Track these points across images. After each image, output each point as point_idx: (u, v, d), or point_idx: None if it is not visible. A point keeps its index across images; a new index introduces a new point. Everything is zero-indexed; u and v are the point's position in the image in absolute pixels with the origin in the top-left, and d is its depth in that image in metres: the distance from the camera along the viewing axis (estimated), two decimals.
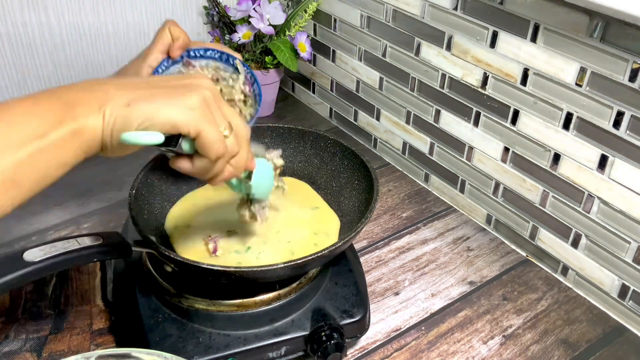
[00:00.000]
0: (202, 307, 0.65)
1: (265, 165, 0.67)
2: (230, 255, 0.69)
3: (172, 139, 0.50)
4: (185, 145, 0.50)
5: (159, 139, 0.48)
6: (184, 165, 0.52)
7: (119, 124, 0.47)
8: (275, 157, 0.69)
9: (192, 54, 0.74)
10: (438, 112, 0.96)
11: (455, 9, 0.85)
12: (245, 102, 0.72)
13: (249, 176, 0.62)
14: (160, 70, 0.71)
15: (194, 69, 0.73)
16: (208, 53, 0.75)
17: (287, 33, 1.10)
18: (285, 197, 0.75)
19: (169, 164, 0.55)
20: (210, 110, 0.50)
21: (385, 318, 0.77)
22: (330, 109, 1.21)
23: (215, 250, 0.69)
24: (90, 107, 0.46)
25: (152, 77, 0.50)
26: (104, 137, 0.47)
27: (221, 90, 0.72)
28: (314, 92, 1.24)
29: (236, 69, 0.74)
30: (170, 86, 0.50)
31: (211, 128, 0.49)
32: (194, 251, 0.69)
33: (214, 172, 0.53)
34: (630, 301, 0.77)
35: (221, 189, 0.79)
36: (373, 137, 1.13)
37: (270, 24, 1.09)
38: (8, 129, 0.43)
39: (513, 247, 0.90)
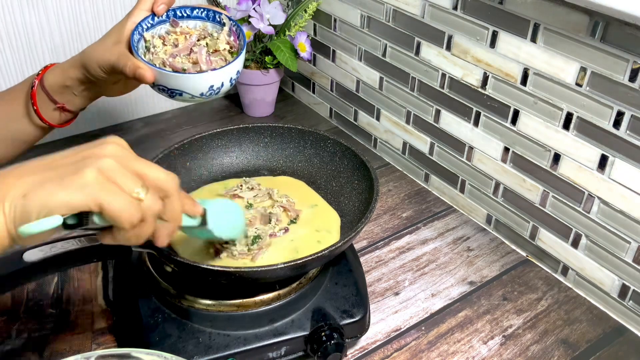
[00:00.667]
0: (202, 307, 0.65)
1: (224, 203, 0.64)
2: (233, 255, 0.69)
3: (85, 218, 0.47)
4: (97, 220, 0.47)
5: (55, 221, 0.45)
6: (107, 239, 0.50)
7: (18, 217, 0.45)
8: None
9: (178, 13, 0.75)
10: (438, 112, 0.96)
11: (455, 8, 0.85)
12: (231, 52, 0.74)
13: (204, 222, 0.58)
14: (144, 26, 0.72)
15: (180, 28, 0.75)
16: (194, 12, 0.76)
17: (287, 33, 1.10)
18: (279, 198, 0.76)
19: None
20: (112, 178, 0.47)
21: (385, 318, 0.77)
22: (330, 109, 1.21)
23: (217, 252, 0.69)
24: None
25: (54, 156, 0.48)
26: (9, 232, 0.45)
27: (207, 44, 0.73)
28: (314, 92, 1.24)
29: (223, 24, 0.75)
30: (65, 164, 0.47)
31: (113, 197, 0.46)
32: (193, 251, 0.69)
33: (144, 235, 0.50)
34: (630, 301, 0.77)
35: (221, 188, 0.79)
36: (373, 137, 1.13)
37: (270, 24, 1.08)
38: None
39: (513, 247, 0.90)
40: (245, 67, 1.14)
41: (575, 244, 0.82)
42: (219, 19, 0.76)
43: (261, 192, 0.77)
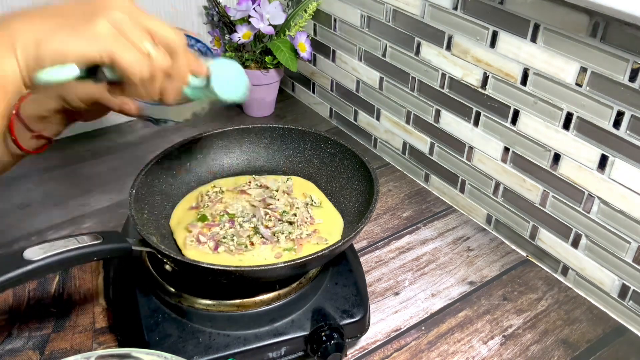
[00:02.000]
0: (202, 307, 0.65)
1: (228, 63, 0.63)
2: (232, 252, 0.69)
3: (96, 69, 0.49)
4: (108, 73, 0.48)
5: (73, 72, 0.46)
6: (116, 93, 0.51)
7: (32, 63, 0.45)
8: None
9: None
10: (438, 112, 0.96)
11: (455, 8, 0.85)
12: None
13: (208, 82, 0.59)
14: None
15: None
16: None
17: (287, 33, 1.10)
18: None
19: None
20: (123, 31, 0.47)
21: (385, 318, 0.77)
22: (330, 109, 1.21)
23: (216, 247, 0.69)
24: (2, 51, 0.45)
25: (62, 4, 0.49)
26: (24, 79, 0.46)
27: None
28: (314, 92, 1.24)
29: (192, 47, 0.80)
30: (76, 13, 0.47)
31: (125, 50, 0.47)
32: (196, 248, 0.69)
33: (153, 91, 0.51)
34: (631, 301, 0.77)
35: (231, 183, 0.79)
36: (373, 137, 1.13)
37: (270, 24, 1.09)
38: None
39: (513, 247, 0.90)
40: (245, 67, 1.14)
41: (575, 244, 0.82)
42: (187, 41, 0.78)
43: (268, 191, 0.77)
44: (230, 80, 0.62)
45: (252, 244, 0.69)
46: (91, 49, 0.46)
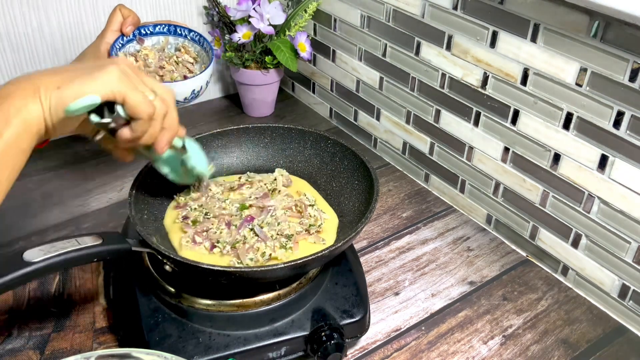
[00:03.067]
0: (202, 307, 0.65)
1: (194, 143, 0.70)
2: (229, 253, 0.69)
3: (107, 111, 0.57)
4: (120, 110, 0.57)
5: (95, 100, 0.54)
6: (125, 133, 0.59)
7: (54, 105, 0.53)
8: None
9: (143, 31, 0.88)
10: (438, 112, 0.96)
11: (455, 8, 0.85)
12: (196, 61, 0.91)
13: (183, 147, 0.67)
14: (117, 46, 0.83)
15: (144, 44, 0.88)
16: (157, 29, 0.89)
17: (287, 33, 1.10)
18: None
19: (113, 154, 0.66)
20: (130, 79, 0.56)
21: (385, 318, 0.77)
22: (330, 109, 1.21)
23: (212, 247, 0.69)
24: (26, 97, 0.52)
25: (74, 63, 0.59)
26: (45, 120, 0.54)
27: (161, 67, 0.88)
28: (314, 92, 1.24)
29: (185, 37, 0.90)
30: (91, 67, 0.56)
31: (134, 91, 0.56)
32: (192, 249, 0.69)
33: (152, 132, 0.60)
34: (631, 301, 0.77)
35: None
36: (373, 137, 1.13)
37: (270, 24, 1.08)
38: None
39: (513, 247, 0.90)
40: (245, 67, 1.14)
41: (575, 244, 0.82)
42: (179, 32, 0.89)
43: (262, 189, 0.77)
44: (200, 156, 0.71)
45: (244, 243, 0.69)
46: (105, 88, 0.55)
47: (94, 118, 0.57)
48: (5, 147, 0.51)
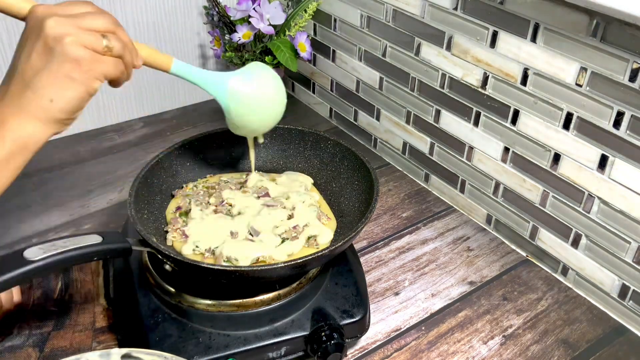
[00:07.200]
0: (202, 307, 0.65)
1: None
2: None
3: None
4: None
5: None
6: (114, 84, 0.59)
7: (55, 118, 0.54)
8: None
9: None
10: (438, 112, 0.96)
11: (455, 9, 0.85)
12: None
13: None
14: None
15: None
16: None
17: (287, 33, 1.10)
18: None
19: None
20: (91, 56, 0.53)
21: (385, 318, 0.77)
22: (330, 109, 1.21)
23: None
24: (19, 119, 0.53)
25: (21, 65, 0.56)
26: (48, 135, 0.54)
27: None
28: (314, 92, 1.24)
29: None
30: (42, 67, 0.53)
31: (107, 70, 0.55)
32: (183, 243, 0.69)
33: (128, 66, 0.58)
34: (631, 301, 0.77)
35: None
36: (373, 137, 1.13)
37: (270, 24, 1.08)
38: None
39: (513, 247, 0.90)
40: None
41: (575, 244, 0.82)
42: None
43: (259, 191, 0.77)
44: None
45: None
46: (93, 85, 0.55)
47: None
48: (1, 164, 0.53)
